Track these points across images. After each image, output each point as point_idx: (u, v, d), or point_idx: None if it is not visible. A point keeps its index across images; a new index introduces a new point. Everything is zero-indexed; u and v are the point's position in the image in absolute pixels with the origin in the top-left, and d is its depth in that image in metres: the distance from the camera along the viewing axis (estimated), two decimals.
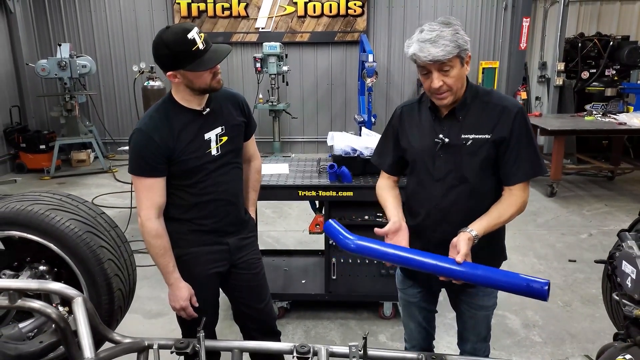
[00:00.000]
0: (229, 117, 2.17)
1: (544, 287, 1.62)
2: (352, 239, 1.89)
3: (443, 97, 1.85)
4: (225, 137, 2.14)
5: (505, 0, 8.85)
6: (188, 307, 2.16)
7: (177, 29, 1.94)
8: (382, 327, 3.53)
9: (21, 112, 8.46)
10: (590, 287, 4.09)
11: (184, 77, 1.98)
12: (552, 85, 8.24)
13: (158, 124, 2.02)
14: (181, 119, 2.05)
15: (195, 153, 2.07)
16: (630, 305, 1.53)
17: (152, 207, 2.05)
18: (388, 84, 9.20)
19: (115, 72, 9.14)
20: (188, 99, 2.06)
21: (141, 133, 2.01)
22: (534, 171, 1.91)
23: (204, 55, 1.94)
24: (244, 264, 2.32)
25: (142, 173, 2.04)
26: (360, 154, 3.40)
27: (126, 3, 8.88)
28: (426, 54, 1.76)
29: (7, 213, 2.13)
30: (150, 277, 4.35)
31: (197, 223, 2.17)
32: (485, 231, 1.83)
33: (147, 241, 2.09)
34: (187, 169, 2.08)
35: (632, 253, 1.53)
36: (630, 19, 8.92)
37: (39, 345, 1.85)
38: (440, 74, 1.81)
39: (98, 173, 8.02)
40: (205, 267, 2.22)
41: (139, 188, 2.06)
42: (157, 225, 2.07)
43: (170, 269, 2.12)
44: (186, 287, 2.16)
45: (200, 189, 2.12)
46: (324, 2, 8.72)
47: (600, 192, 6.79)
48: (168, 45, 1.91)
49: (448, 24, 1.79)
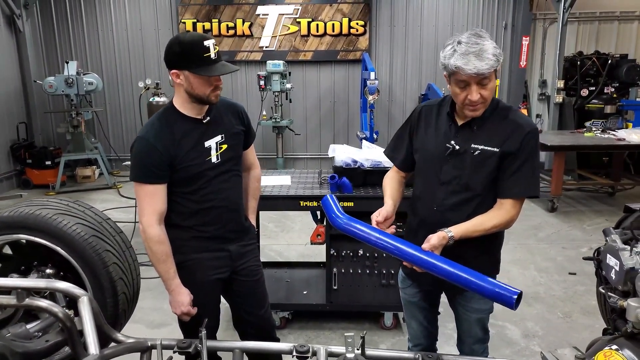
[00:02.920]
0: (228, 126, 2.23)
1: (512, 296, 1.62)
2: (342, 217, 1.99)
3: (477, 108, 1.90)
4: (225, 145, 2.20)
5: (505, 20, 9.00)
6: (190, 310, 2.20)
7: (195, 34, 2.05)
8: (383, 337, 3.55)
9: (28, 129, 8.59)
10: (590, 299, 4.10)
11: (186, 79, 2.04)
12: (552, 103, 8.33)
13: (159, 131, 2.08)
14: (182, 127, 2.11)
15: (195, 160, 2.12)
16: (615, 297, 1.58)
17: (153, 214, 2.09)
18: (390, 102, 9.32)
19: (121, 89, 9.29)
20: (188, 107, 2.12)
21: (143, 141, 2.06)
22: (527, 191, 1.94)
23: (213, 64, 2.02)
24: (244, 271, 2.36)
25: (144, 180, 2.08)
26: (361, 166, 3.46)
27: (133, 22, 9.08)
28: (471, 67, 1.78)
29: (16, 217, 2.20)
30: (153, 289, 4.38)
31: (199, 230, 2.21)
32: (463, 235, 1.88)
33: (148, 247, 2.12)
34: (188, 176, 2.12)
35: (615, 246, 1.58)
36: (628, 37, 9.06)
37: (45, 344, 1.89)
38: (479, 87, 1.85)
39: (103, 189, 8.10)
40: (206, 273, 2.25)
41: (141, 195, 2.10)
42: (158, 232, 2.10)
43: (171, 275, 2.16)
44: (187, 292, 2.19)
45: (201, 195, 2.17)
46: (326, 22, 8.89)
47: (601, 208, 6.81)
48: (182, 44, 2.00)
49: (484, 37, 1.83)
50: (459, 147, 1.97)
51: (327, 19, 8.90)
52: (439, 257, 1.81)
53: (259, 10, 8.90)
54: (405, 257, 1.85)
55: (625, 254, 1.54)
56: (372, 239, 1.92)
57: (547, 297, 4.21)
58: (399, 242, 1.89)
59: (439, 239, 1.85)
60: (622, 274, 1.52)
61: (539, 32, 9.16)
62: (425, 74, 9.03)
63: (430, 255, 1.81)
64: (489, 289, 1.67)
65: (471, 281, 1.71)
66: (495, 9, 8.98)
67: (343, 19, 8.87)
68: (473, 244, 1.92)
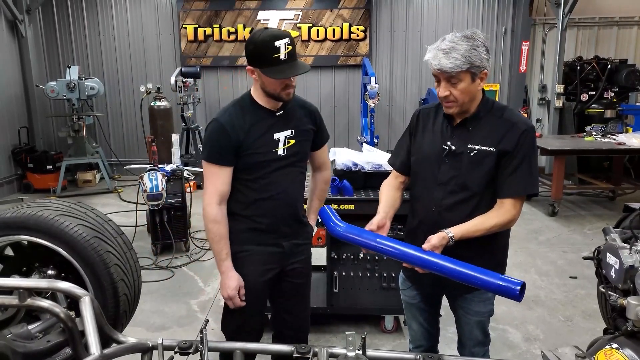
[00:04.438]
0: (299, 122, 2.26)
1: (516, 287, 1.63)
2: (341, 226, 2.01)
3: (449, 105, 1.94)
4: (293, 140, 2.22)
5: (504, 25, 9.04)
6: (235, 297, 2.20)
7: (270, 33, 2.05)
8: (384, 341, 3.55)
9: (29, 133, 8.61)
10: (591, 302, 4.09)
11: (259, 77, 2.10)
12: (552, 108, 8.36)
13: (233, 116, 2.14)
14: (255, 116, 2.16)
15: (261, 149, 2.16)
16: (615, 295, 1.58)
17: (215, 194, 2.15)
18: (390, 106, 9.34)
19: (122, 94, 9.32)
20: (263, 99, 2.17)
21: (216, 123, 2.14)
22: (526, 189, 1.95)
23: (281, 65, 2.03)
24: (293, 272, 2.35)
25: (211, 160, 2.15)
26: (362, 169, 3.47)
27: (134, 27, 9.12)
28: (436, 63, 1.85)
29: (18, 218, 2.20)
30: (154, 292, 4.39)
31: (255, 220, 2.23)
32: (463, 235, 1.88)
33: (205, 225, 2.19)
34: (252, 163, 2.16)
35: (614, 244, 1.58)
36: (627, 42, 9.09)
37: (46, 344, 1.89)
38: (448, 84, 1.88)
39: (104, 193, 8.11)
40: (257, 267, 2.25)
41: (207, 174, 2.18)
42: (216, 211, 2.15)
43: (223, 256, 2.19)
44: (236, 277, 2.20)
45: (261, 185, 2.20)
46: (327, 27, 8.93)
47: (601, 212, 6.82)
48: (255, 43, 2.04)
49: (470, 38, 1.85)
50: (455, 147, 1.98)
51: (328, 24, 8.94)
52: (440, 256, 1.81)
53: (260, 15, 8.95)
54: (406, 258, 1.85)
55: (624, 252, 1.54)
56: (372, 244, 1.92)
57: (548, 300, 4.21)
58: (399, 244, 1.90)
59: (439, 239, 1.85)
60: (621, 272, 1.53)
61: (538, 37, 9.19)
62: (425, 79, 9.05)
63: (431, 255, 1.81)
64: (492, 282, 1.67)
65: (473, 276, 1.71)
66: (495, 14, 9.02)
67: (343, 25, 8.92)
68: (474, 246, 1.92)
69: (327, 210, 2.13)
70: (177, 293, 4.41)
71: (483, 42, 1.88)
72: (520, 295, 1.63)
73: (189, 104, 7.94)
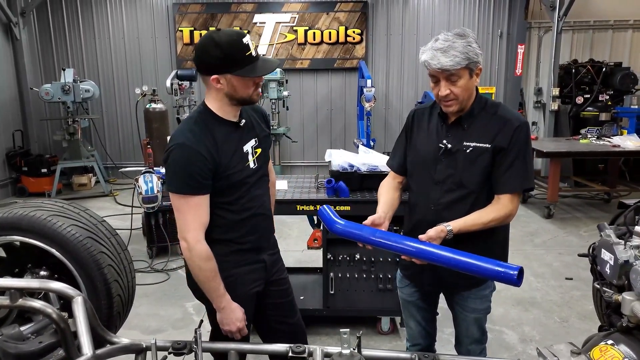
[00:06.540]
0: (259, 128, 2.12)
1: (514, 272, 1.63)
2: (341, 222, 2.00)
3: (449, 104, 1.95)
4: (259, 149, 2.08)
5: (500, 28, 9.06)
6: (244, 327, 2.08)
7: (230, 32, 1.89)
8: (380, 342, 3.53)
9: (24, 136, 8.56)
10: (587, 303, 4.09)
11: (228, 83, 1.89)
12: (547, 110, 8.39)
13: (201, 136, 1.89)
14: (221, 131, 1.95)
15: (237, 167, 1.98)
16: (610, 292, 1.58)
17: (200, 228, 1.92)
18: (386, 109, 9.35)
19: (118, 96, 9.29)
20: (225, 109, 1.96)
21: (186, 148, 1.86)
22: (522, 185, 1.98)
23: (256, 62, 1.89)
24: (277, 282, 2.27)
25: (190, 191, 1.89)
26: (358, 170, 3.46)
27: (130, 30, 9.10)
28: (436, 62, 1.85)
29: (11, 218, 2.19)
30: (149, 295, 4.37)
31: (238, 242, 2.07)
32: (461, 229, 1.90)
33: (197, 265, 1.95)
34: (230, 184, 1.97)
35: (609, 240, 1.58)
36: (622, 46, 9.14)
37: (38, 345, 1.87)
38: (448, 83, 1.90)
39: (99, 197, 8.07)
40: (247, 287, 2.12)
41: (184, 208, 1.90)
42: (207, 247, 1.94)
43: (221, 292, 2.00)
44: (239, 307, 2.05)
45: (241, 205, 2.03)
46: (323, 30, 8.93)
47: (597, 214, 6.82)
48: (220, 46, 1.83)
49: (462, 36, 1.87)
50: (451, 145, 2.00)
51: (324, 27, 8.95)
52: (437, 245, 1.82)
53: (256, 18, 8.95)
54: (405, 250, 1.85)
55: (619, 247, 1.54)
56: (371, 238, 1.92)
57: (544, 302, 4.20)
58: (397, 237, 1.91)
59: (436, 231, 1.86)
60: (616, 268, 1.52)
61: (534, 40, 9.23)
62: (421, 82, 9.06)
63: (428, 245, 1.82)
64: (490, 268, 1.67)
65: (471, 263, 1.70)
66: (490, 17, 9.05)
67: (340, 28, 8.92)
68: (471, 242, 1.92)
69: (326, 209, 2.10)
70: (172, 296, 4.38)
71: (474, 38, 1.91)
72: (519, 280, 1.63)
73: (184, 107, 7.93)
